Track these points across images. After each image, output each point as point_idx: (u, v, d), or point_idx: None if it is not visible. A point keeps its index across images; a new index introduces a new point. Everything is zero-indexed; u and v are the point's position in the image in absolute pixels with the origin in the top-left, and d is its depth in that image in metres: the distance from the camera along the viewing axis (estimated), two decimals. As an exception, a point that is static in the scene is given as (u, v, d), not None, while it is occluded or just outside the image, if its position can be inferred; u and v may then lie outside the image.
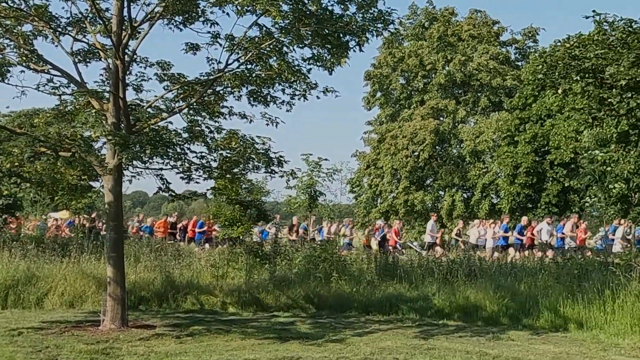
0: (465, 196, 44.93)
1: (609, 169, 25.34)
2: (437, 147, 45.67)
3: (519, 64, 46.53)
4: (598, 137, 25.18)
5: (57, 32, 13.09)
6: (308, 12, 12.30)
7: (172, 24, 13.29)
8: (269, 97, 13.97)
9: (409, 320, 14.50)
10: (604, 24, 7.95)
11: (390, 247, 25.43)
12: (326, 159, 44.19)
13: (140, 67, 14.10)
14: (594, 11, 7.94)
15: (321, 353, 10.59)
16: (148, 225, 30.29)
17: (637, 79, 7.24)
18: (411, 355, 10.50)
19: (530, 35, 47.05)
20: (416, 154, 44.58)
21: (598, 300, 13.51)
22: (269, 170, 13.82)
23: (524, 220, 26.44)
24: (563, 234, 24.88)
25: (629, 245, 24.01)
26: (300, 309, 15.88)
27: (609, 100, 7.72)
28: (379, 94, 48.75)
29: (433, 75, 46.15)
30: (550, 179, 35.47)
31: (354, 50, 13.14)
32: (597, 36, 7.93)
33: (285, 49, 13.07)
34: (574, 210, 33.74)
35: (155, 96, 13.64)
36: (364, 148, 49.80)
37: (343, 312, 15.49)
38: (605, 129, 20.07)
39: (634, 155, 17.79)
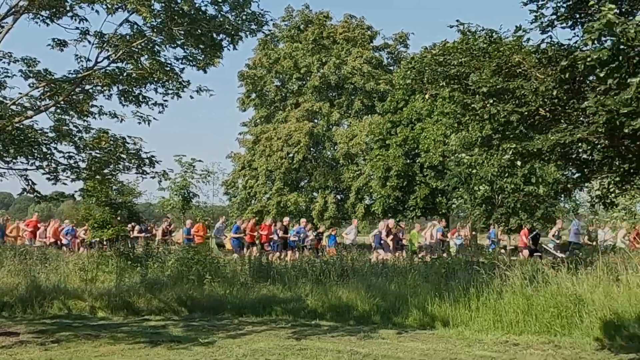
0: (339, 198, 45.54)
1: (474, 171, 26.44)
2: (311, 149, 46.08)
3: (391, 68, 47.62)
4: (464, 140, 26.18)
5: None
6: (181, 12, 12.18)
7: (38, 18, 12.79)
8: (140, 97, 13.72)
9: (283, 321, 14.57)
10: (467, 33, 8.28)
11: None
12: (200, 160, 43.88)
13: (4, 62, 13.53)
14: (457, 21, 8.25)
15: (192, 356, 10.51)
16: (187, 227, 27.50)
17: (498, 87, 7.57)
18: (284, 356, 10.57)
19: (401, 40, 48.26)
20: (291, 155, 44.83)
21: (463, 298, 14.01)
22: (140, 170, 13.58)
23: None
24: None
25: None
26: (172, 312, 15.66)
27: (473, 105, 8.04)
28: (253, 95, 48.68)
29: (308, 78, 46.53)
30: (420, 181, 36.51)
31: (228, 49, 13.16)
32: (460, 45, 8.24)
33: (157, 47, 12.88)
34: (441, 212, 34.98)
35: (20, 93, 13.11)
36: (239, 149, 49.69)
37: (216, 315, 15.39)
38: (471, 133, 20.89)
39: (497, 159, 18.60)
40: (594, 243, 24.32)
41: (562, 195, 28.84)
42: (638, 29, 5.67)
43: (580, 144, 7.90)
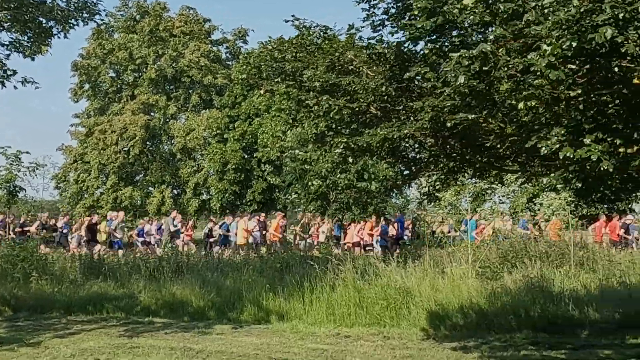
0: (176, 192, 44.89)
1: (309, 167, 26.92)
2: (147, 142, 45.07)
3: (230, 63, 47.49)
4: (300, 137, 26.59)
5: None
6: (6, -5, 11.59)
7: None
8: (-40, 84, 12.92)
9: (114, 319, 14.22)
10: (302, 28, 8.38)
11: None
12: (27, 152, 41.77)
13: None
14: (293, 16, 8.33)
15: (17, 358, 10.08)
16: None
17: (331, 82, 7.72)
18: (114, 355, 10.33)
19: (240, 35, 48.20)
20: (126, 149, 43.63)
21: (298, 292, 14.21)
22: (-40, 164, 12.79)
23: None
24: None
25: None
26: (-6, 312, 14.86)
27: (307, 102, 8.15)
28: (87, 86, 46.97)
29: (144, 70, 45.49)
30: (257, 176, 36.75)
31: (59, 37, 12.69)
32: (295, 40, 8.33)
33: (-21, 32, 12.19)
34: (278, 208, 35.35)
35: None
36: (71, 142, 47.72)
37: (43, 314, 14.76)
38: (306, 130, 21.24)
39: (330, 155, 19.02)
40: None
41: (393, 192, 30.00)
42: (460, 8, 5.93)
43: (408, 141, 8.20)
